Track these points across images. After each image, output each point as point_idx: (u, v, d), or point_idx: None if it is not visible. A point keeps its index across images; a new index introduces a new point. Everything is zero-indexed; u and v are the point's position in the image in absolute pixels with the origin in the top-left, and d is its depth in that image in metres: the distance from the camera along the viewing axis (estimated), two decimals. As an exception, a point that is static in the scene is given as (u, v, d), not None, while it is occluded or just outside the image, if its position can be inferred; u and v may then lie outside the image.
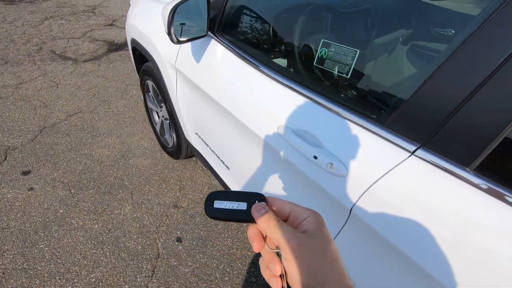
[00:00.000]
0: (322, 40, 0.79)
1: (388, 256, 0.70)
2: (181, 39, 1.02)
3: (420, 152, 0.61)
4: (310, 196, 0.84)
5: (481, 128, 0.53)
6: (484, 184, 0.54)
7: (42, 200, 1.81)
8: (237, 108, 1.03)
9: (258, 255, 1.49)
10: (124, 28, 4.41)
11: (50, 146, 2.22)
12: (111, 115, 2.60)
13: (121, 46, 3.84)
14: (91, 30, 4.23)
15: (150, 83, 1.94)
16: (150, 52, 1.63)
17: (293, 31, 1.06)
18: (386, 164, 0.65)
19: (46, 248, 1.57)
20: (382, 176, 0.64)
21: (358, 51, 0.72)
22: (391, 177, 0.64)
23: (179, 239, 1.67)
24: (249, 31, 1.18)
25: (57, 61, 3.40)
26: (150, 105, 2.15)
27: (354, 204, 0.70)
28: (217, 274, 1.52)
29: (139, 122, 2.53)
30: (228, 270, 1.55)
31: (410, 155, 0.62)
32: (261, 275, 1.53)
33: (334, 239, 0.80)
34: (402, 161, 0.63)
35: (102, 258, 1.54)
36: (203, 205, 0.46)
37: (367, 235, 0.72)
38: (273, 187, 0.99)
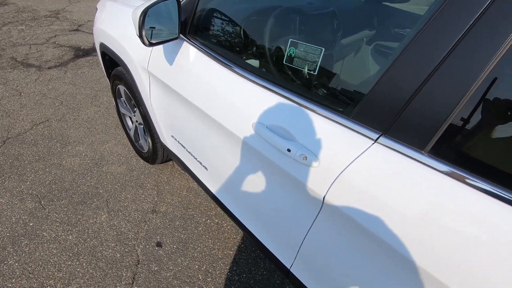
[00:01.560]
0: (290, 39, 0.84)
1: (360, 239, 0.75)
2: (153, 41, 1.02)
3: (382, 140, 0.67)
4: (285, 187, 0.88)
5: (432, 115, 0.59)
6: (438, 165, 0.60)
7: (9, 214, 1.72)
8: (212, 108, 1.05)
9: (241, 253, 1.51)
10: (91, 33, 4.28)
11: (16, 157, 2.10)
12: (81, 122, 2.51)
13: (89, 52, 3.72)
14: (55, 36, 4.06)
15: (121, 88, 1.91)
16: (120, 57, 1.61)
17: (263, 33, 1.11)
18: (353, 152, 0.70)
19: (16, 264, 1.49)
20: (350, 164, 0.70)
21: (323, 49, 0.77)
22: (358, 163, 0.69)
23: (159, 244, 1.65)
24: (220, 33, 1.21)
25: (19, 68, 3.23)
26: (122, 110, 2.11)
27: (326, 192, 0.75)
28: (199, 276, 1.53)
29: (111, 129, 2.47)
30: (210, 270, 1.55)
31: (373, 143, 0.68)
32: (244, 274, 1.56)
33: (310, 226, 0.84)
34: (367, 149, 0.68)
35: (78, 269, 1.49)
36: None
37: (339, 220, 0.77)
38: (251, 182, 1.02)
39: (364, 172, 0.68)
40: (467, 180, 0.57)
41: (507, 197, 0.53)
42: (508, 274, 0.51)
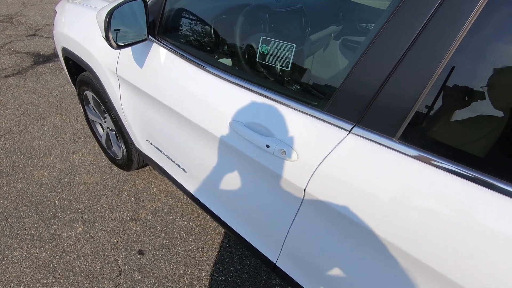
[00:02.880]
0: (262, 37, 0.85)
1: (341, 226, 0.78)
2: (120, 44, 0.99)
3: (356, 130, 0.70)
4: (266, 183, 0.90)
5: (399, 104, 0.63)
6: (408, 150, 0.64)
7: (-27, 235, 1.60)
8: (187, 109, 1.04)
9: (226, 253, 1.51)
10: (51, 37, 4.04)
11: (-25, 175, 1.95)
12: (46, 132, 2.37)
13: (49, 58, 3.51)
14: (10, 42, 3.79)
15: (89, 93, 1.83)
16: (86, 61, 1.54)
17: (234, 31, 1.11)
18: (329, 144, 0.73)
19: (-15, 288, 1.39)
20: (327, 155, 0.72)
21: (294, 45, 0.79)
22: (335, 154, 0.72)
23: (141, 252, 1.61)
24: (191, 33, 1.20)
25: (-29, 78, 2.99)
26: (91, 117, 2.02)
27: (307, 184, 0.77)
28: (185, 280, 1.51)
29: (81, 137, 2.35)
30: (196, 273, 1.54)
31: (348, 134, 0.71)
32: (230, 273, 1.56)
33: (293, 219, 0.86)
34: (342, 140, 0.71)
35: (55, 287, 1.42)
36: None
37: (321, 210, 0.80)
38: (232, 180, 1.03)
39: (341, 162, 0.71)
40: (433, 162, 0.61)
41: (470, 175, 0.58)
42: (472, 244, 0.56)
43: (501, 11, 0.54)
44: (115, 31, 0.97)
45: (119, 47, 0.99)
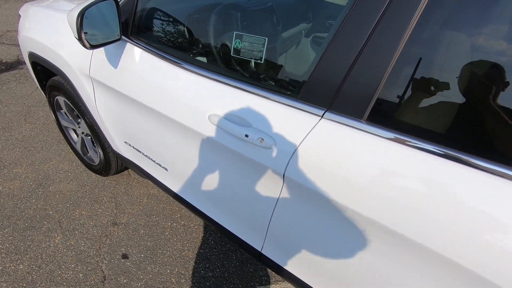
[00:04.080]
0: (235, 32, 0.88)
1: (320, 208, 0.83)
2: (93, 44, 0.99)
3: (327, 115, 0.75)
4: (247, 172, 0.93)
5: (364, 88, 0.69)
6: (374, 130, 0.70)
7: None
8: (165, 106, 1.05)
9: (212, 250, 1.52)
10: (13, 44, 3.84)
11: None
12: (15, 142, 2.27)
13: (13, 65, 3.35)
14: (-33, 50, 3.57)
15: (61, 98, 1.78)
16: (57, 65, 1.50)
17: (207, 29, 1.14)
18: (304, 129, 0.78)
19: (-42, 307, 1.32)
20: (302, 140, 0.77)
21: (266, 38, 0.83)
22: (309, 139, 0.77)
23: (125, 256, 1.59)
24: (165, 32, 1.21)
25: None
26: (64, 123, 1.96)
27: (285, 169, 0.81)
28: (172, 279, 1.51)
29: (53, 145, 2.27)
30: (183, 272, 1.54)
31: (320, 119, 0.76)
32: (217, 269, 1.58)
33: (274, 205, 0.91)
34: (316, 125, 0.76)
35: (36, 299, 1.37)
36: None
37: (300, 194, 0.85)
38: (213, 174, 1.05)
39: (316, 145, 0.76)
40: (398, 139, 0.68)
41: (433, 150, 0.64)
42: (444, 213, 0.63)
43: (445, 3, 0.61)
44: (87, 32, 0.97)
45: (92, 47, 0.99)
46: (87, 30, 0.95)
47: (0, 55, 3.53)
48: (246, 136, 0.83)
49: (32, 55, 1.69)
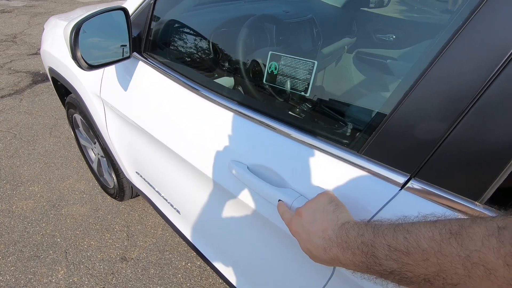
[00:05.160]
0: (270, 52, 0.64)
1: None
2: (93, 64, 0.80)
3: (412, 184, 0.47)
4: (282, 249, 0.67)
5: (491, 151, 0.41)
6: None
7: None
8: (178, 142, 0.83)
9: None
10: (52, 56, 3.96)
11: (-47, 207, 1.77)
12: (37, 157, 2.20)
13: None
14: (10, 61, 3.72)
15: (78, 117, 1.65)
16: (71, 83, 1.37)
17: (236, 47, 0.91)
18: (370, 203, 0.50)
19: None
20: (370, 219, 0.49)
21: (316, 62, 0.58)
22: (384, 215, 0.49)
23: (130, 302, 1.37)
24: (185, 50, 1.01)
25: (-34, 99, 2.87)
26: (82, 141, 1.84)
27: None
28: None
29: (73, 161, 2.17)
30: (194, 330, 1.29)
31: (400, 190, 0.48)
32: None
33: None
34: (392, 198, 0.48)
35: None
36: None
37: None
38: (237, 235, 0.80)
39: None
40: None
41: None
42: None
43: None
44: (88, 48, 0.78)
45: (91, 67, 0.80)
46: (86, 47, 0.76)
47: (38, 67, 3.62)
48: (280, 201, 0.57)
49: (51, 70, 1.59)
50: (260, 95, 0.74)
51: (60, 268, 1.48)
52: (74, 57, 0.75)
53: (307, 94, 0.60)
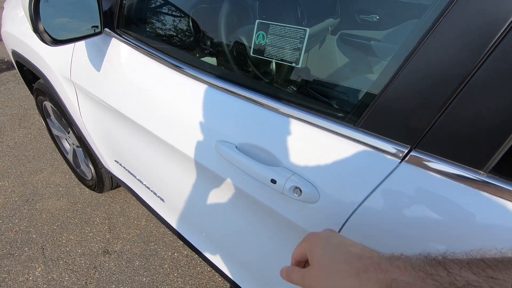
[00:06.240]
0: (258, 21, 0.59)
1: None
2: (59, 38, 0.71)
3: (413, 156, 0.45)
4: (278, 232, 0.64)
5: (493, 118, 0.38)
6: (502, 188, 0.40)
7: None
8: (158, 124, 0.77)
9: None
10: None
11: None
12: (6, 150, 2.05)
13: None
14: (-30, 48, 3.42)
15: (48, 104, 1.54)
16: (37, 66, 1.25)
17: (218, 22, 0.85)
18: (369, 178, 0.47)
19: None
20: (368, 196, 0.47)
21: (307, 29, 0.53)
22: (377, 195, 0.46)
23: (115, 296, 1.32)
24: (163, 26, 0.93)
25: None
26: (55, 131, 1.72)
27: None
28: (170, 329, 1.23)
29: (46, 154, 2.04)
30: (183, 320, 1.27)
31: (400, 162, 0.46)
32: (224, 315, 1.29)
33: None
34: (391, 172, 0.46)
35: None
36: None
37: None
38: (226, 220, 0.76)
39: (392, 208, 0.45)
40: None
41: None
42: None
43: None
44: (53, 21, 0.70)
45: (56, 43, 0.71)
46: (49, 18, 0.67)
47: (2, 54, 3.36)
48: (273, 182, 0.54)
49: (15, 54, 1.45)
50: (246, 69, 0.69)
51: (37, 265, 1.40)
52: (36, 29, 0.66)
53: (299, 65, 0.56)
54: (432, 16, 0.41)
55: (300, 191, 0.51)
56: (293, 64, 0.56)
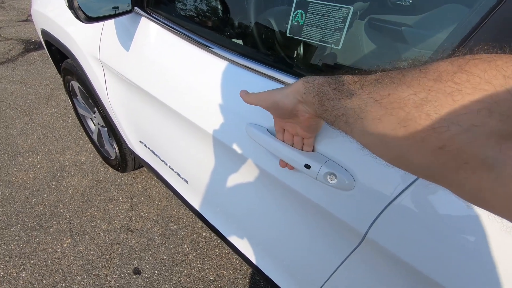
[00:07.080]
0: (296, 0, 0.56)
1: (402, 274, 0.52)
2: (92, 16, 0.72)
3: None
4: (306, 220, 0.63)
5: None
6: None
7: None
8: (187, 105, 0.77)
9: (237, 272, 1.19)
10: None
11: (-49, 177, 1.72)
12: (34, 127, 2.13)
13: (42, 44, 3.24)
14: (0, 28, 3.53)
15: (75, 84, 1.57)
16: (67, 46, 1.27)
17: (248, 1, 0.82)
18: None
19: (-48, 318, 1.17)
20: (410, 184, 0.45)
21: (351, 8, 0.50)
22: (420, 184, 0.44)
23: (137, 271, 1.37)
24: (192, 5, 0.92)
25: (-45, 67, 2.74)
26: (81, 111, 1.76)
27: (369, 228, 0.50)
28: (189, 306, 1.27)
29: (72, 133, 2.11)
30: (201, 298, 1.30)
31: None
32: (241, 296, 1.32)
33: (340, 263, 0.60)
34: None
35: (35, 316, 1.20)
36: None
37: (381, 261, 0.53)
38: (252, 205, 0.76)
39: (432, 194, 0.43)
40: None
41: None
42: None
43: None
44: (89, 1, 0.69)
45: (89, 19, 0.71)
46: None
47: (30, 34, 3.45)
48: (307, 167, 0.52)
49: (44, 33, 1.47)
50: (282, 51, 0.67)
51: (65, 238, 1.47)
52: (71, 6, 0.67)
53: (339, 47, 0.53)
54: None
55: (335, 177, 0.50)
56: (333, 45, 0.53)
